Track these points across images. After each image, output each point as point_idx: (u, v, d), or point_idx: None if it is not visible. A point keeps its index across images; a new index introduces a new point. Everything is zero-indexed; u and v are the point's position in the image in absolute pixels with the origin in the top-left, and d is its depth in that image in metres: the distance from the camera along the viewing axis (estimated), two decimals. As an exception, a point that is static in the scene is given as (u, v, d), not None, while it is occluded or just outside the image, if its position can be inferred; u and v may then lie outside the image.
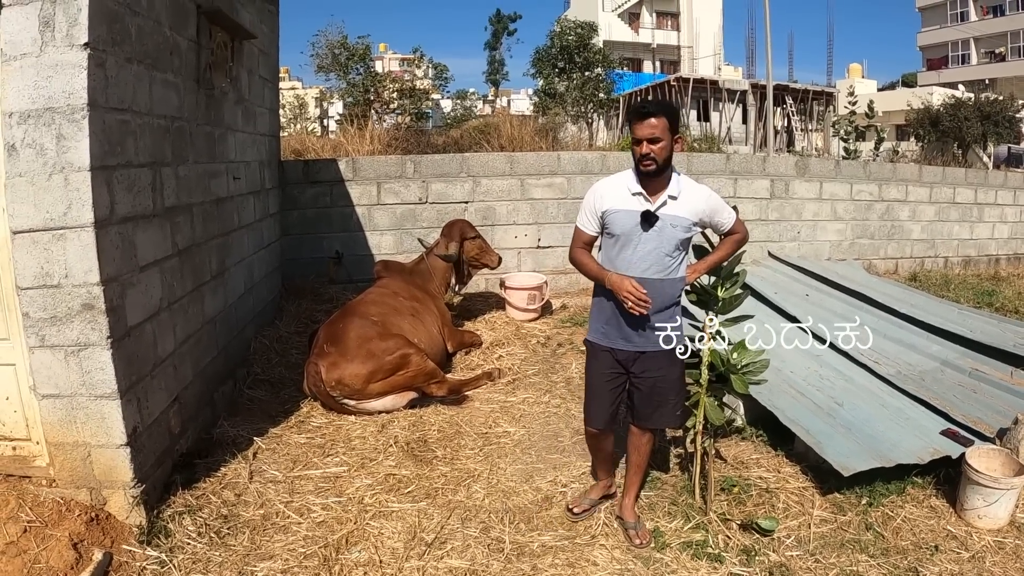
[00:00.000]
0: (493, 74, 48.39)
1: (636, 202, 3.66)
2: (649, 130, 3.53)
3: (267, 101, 7.40)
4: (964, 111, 23.10)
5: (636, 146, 3.58)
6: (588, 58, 23.99)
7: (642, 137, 3.54)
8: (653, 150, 3.53)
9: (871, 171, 11.08)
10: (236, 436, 5.09)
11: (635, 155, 3.60)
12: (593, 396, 3.98)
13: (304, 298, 8.21)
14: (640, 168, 3.60)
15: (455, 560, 3.81)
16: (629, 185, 3.70)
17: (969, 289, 10.20)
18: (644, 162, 3.56)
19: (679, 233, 3.65)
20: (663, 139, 3.55)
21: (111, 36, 3.64)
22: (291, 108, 27.48)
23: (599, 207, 3.75)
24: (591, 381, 3.99)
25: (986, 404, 5.32)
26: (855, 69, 49.61)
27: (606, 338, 3.83)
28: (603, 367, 3.89)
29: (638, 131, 3.55)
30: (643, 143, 3.54)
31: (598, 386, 3.93)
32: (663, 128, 3.55)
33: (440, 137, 16.51)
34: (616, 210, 3.69)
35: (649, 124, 3.53)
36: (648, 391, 3.86)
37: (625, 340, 3.78)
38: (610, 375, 3.88)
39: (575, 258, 3.92)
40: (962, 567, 3.77)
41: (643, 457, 4.08)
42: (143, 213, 4.10)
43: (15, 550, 3.36)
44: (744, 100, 35.69)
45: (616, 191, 3.73)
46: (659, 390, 3.85)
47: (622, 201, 3.69)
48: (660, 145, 3.54)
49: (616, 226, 3.69)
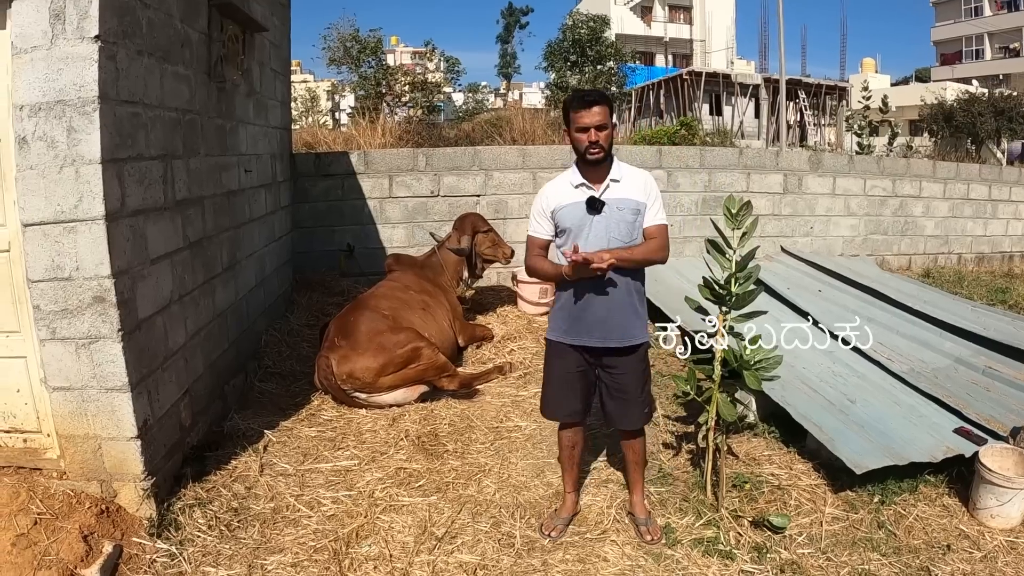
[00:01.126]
0: (505, 67, 48.22)
1: (580, 193, 3.66)
2: (596, 117, 3.54)
3: (278, 94, 7.39)
4: (978, 107, 22.92)
5: (582, 134, 3.56)
6: (600, 52, 23.94)
7: (589, 124, 3.54)
8: (600, 137, 3.55)
9: (884, 166, 11.01)
10: (247, 429, 5.09)
11: (579, 144, 3.59)
12: (552, 392, 3.96)
13: (315, 291, 8.22)
14: (588, 156, 3.59)
15: (465, 555, 3.80)
16: (571, 179, 3.72)
17: (983, 286, 10.14)
18: (592, 150, 3.56)
19: (627, 216, 3.63)
20: (607, 126, 3.57)
21: (122, 28, 3.63)
22: (303, 101, 27.50)
23: (547, 208, 3.74)
24: (552, 378, 3.95)
25: (1000, 402, 5.28)
26: (868, 64, 49.27)
27: (570, 335, 3.79)
28: (569, 365, 3.85)
29: (584, 119, 3.54)
30: (591, 130, 3.54)
31: (565, 382, 3.90)
32: (606, 115, 3.57)
33: (452, 130, 16.49)
34: (563, 205, 3.68)
35: (596, 110, 3.54)
36: (615, 389, 3.83)
37: (589, 335, 3.74)
38: (576, 372, 3.85)
39: (531, 266, 3.86)
40: (974, 567, 3.73)
41: (638, 454, 4.06)
42: (154, 206, 4.10)
43: (26, 542, 3.36)
44: (757, 94, 35.53)
45: (560, 189, 3.74)
46: (624, 387, 3.82)
47: (567, 196, 3.69)
48: (606, 132, 3.57)
49: (566, 220, 3.68)
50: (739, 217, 3.87)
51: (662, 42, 49.04)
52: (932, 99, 25.36)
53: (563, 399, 3.93)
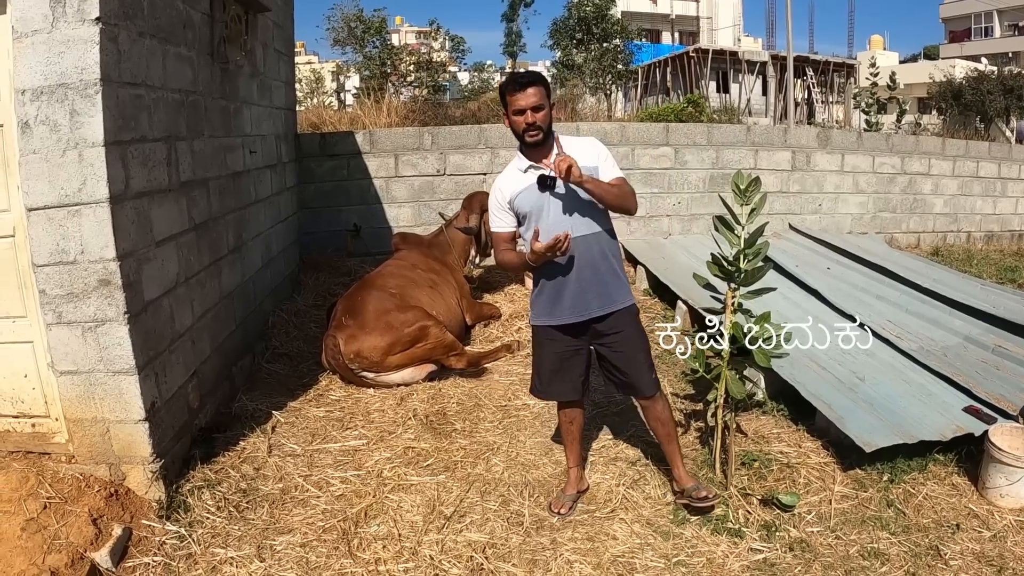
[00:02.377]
0: (510, 46, 47.83)
1: (530, 176, 3.64)
2: (532, 99, 3.51)
3: (282, 74, 7.36)
4: (987, 84, 22.79)
5: (519, 116, 3.54)
6: (606, 29, 23.79)
7: (525, 106, 3.51)
8: (537, 118, 3.52)
9: (893, 144, 10.93)
10: (255, 410, 5.10)
11: (517, 128, 3.58)
12: (542, 374, 3.95)
13: (322, 271, 8.22)
14: (527, 139, 3.58)
15: (474, 533, 3.80)
16: (518, 165, 3.71)
17: (992, 264, 10.08)
18: (530, 132, 3.55)
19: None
20: (544, 106, 3.54)
21: (123, 10, 3.60)
22: (307, 82, 27.44)
23: (503, 199, 3.73)
24: (540, 361, 3.95)
25: (1009, 381, 5.25)
26: (876, 41, 48.88)
27: (554, 316, 3.76)
28: (558, 347, 3.83)
29: (520, 101, 3.51)
30: (527, 112, 3.51)
31: (548, 365, 3.89)
32: (542, 95, 3.54)
33: (458, 109, 16.44)
34: (517, 192, 3.67)
35: (531, 92, 3.51)
36: (618, 357, 3.81)
37: (572, 311, 3.71)
38: (568, 352, 3.84)
39: (500, 260, 3.87)
40: (983, 546, 3.72)
41: (666, 424, 3.98)
42: (158, 188, 4.09)
43: (35, 526, 3.37)
44: (764, 72, 35.32)
45: (511, 177, 3.74)
46: (623, 353, 3.79)
47: (519, 182, 3.68)
48: (543, 113, 3.54)
49: (524, 206, 3.67)
50: (748, 193, 3.84)
51: (668, 19, 48.67)
52: (941, 77, 25.22)
53: (554, 382, 3.92)
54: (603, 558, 3.62)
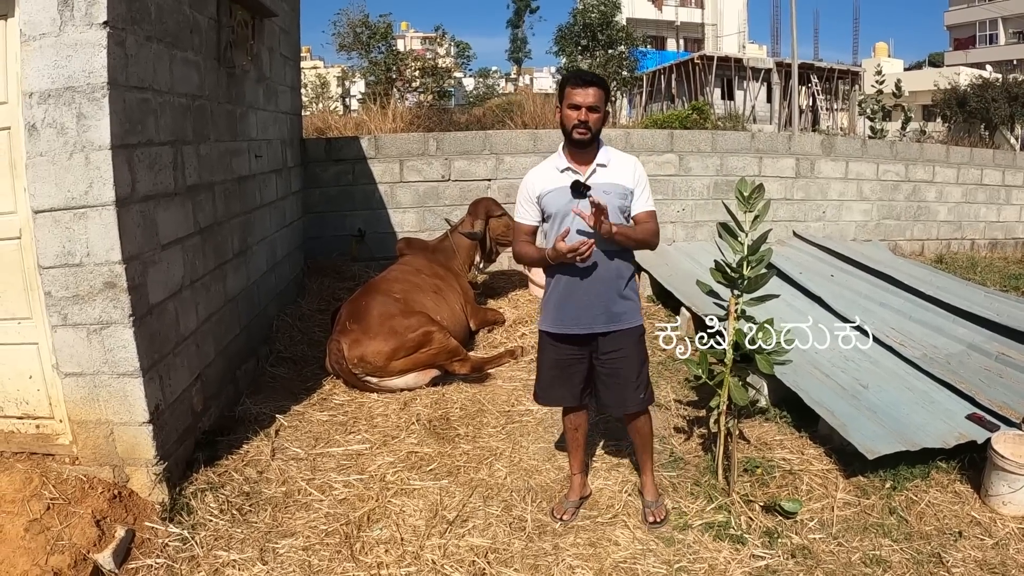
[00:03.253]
0: (515, 52, 48.02)
1: (566, 177, 3.61)
2: (590, 98, 3.49)
3: (288, 79, 7.39)
4: (991, 92, 22.72)
5: (573, 111, 3.51)
6: (611, 36, 23.77)
7: (581, 103, 3.48)
8: (591, 119, 3.50)
9: (898, 151, 10.92)
10: (258, 414, 5.11)
11: (567, 122, 3.54)
12: (542, 380, 3.95)
13: (326, 276, 8.24)
14: (574, 135, 3.54)
15: (477, 538, 3.81)
16: (556, 164, 3.68)
17: (996, 272, 10.06)
18: (579, 129, 3.52)
19: (614, 200, 3.58)
20: (600, 110, 3.52)
21: (130, 15, 3.62)
22: (313, 87, 27.45)
23: (533, 193, 3.70)
24: (541, 367, 3.94)
25: (1013, 389, 5.25)
26: (881, 48, 48.89)
27: (561, 324, 3.75)
28: (559, 354, 3.82)
29: (577, 97, 3.49)
30: (582, 109, 3.49)
31: (549, 372, 3.89)
32: (600, 99, 3.52)
33: (463, 115, 16.44)
34: (548, 190, 3.65)
35: (592, 92, 3.50)
36: (608, 374, 3.80)
37: (577, 322, 3.70)
38: (568, 360, 3.82)
39: (518, 252, 3.82)
40: (986, 554, 3.72)
41: (644, 436, 4.01)
42: (164, 191, 4.11)
43: (39, 527, 3.38)
44: (769, 79, 35.28)
45: (545, 174, 3.71)
46: (617, 372, 3.78)
47: (552, 181, 3.65)
48: (597, 116, 3.52)
49: (552, 205, 3.64)
50: (751, 200, 3.85)
51: (673, 26, 48.74)
52: (945, 84, 25.19)
53: (554, 388, 3.92)
54: (605, 564, 3.62)
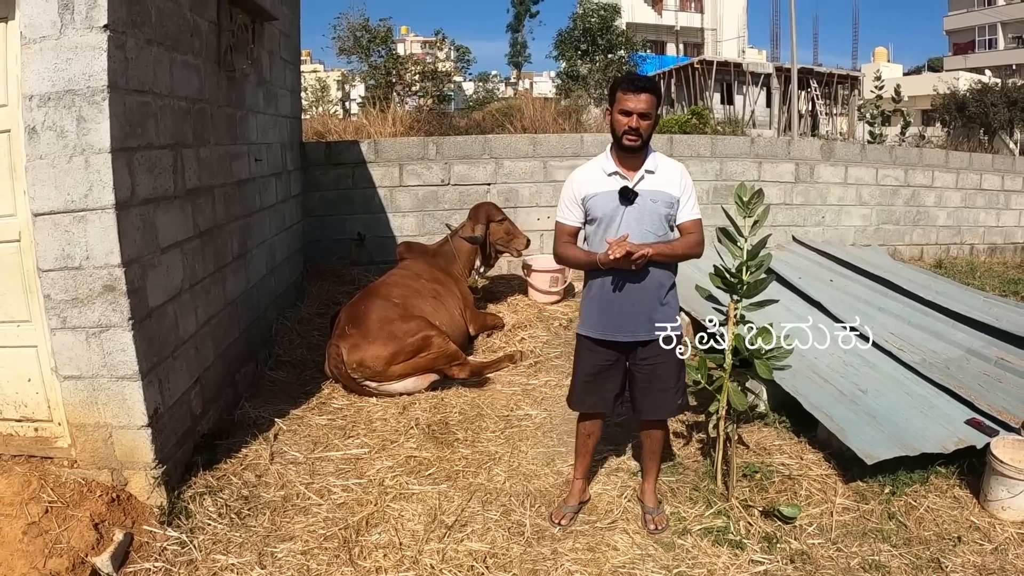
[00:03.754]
0: (515, 56, 47.98)
1: (613, 181, 3.61)
2: (643, 105, 3.47)
3: (288, 83, 7.39)
4: (991, 97, 22.74)
5: (624, 117, 3.49)
6: (611, 40, 23.86)
7: (633, 109, 3.47)
8: (642, 125, 3.49)
9: (897, 156, 10.93)
10: (257, 417, 5.11)
11: (618, 127, 3.52)
12: (579, 385, 3.91)
13: (326, 280, 8.24)
14: (624, 142, 3.53)
15: (475, 543, 3.81)
16: (604, 167, 3.67)
17: (995, 277, 10.07)
18: (630, 136, 3.50)
19: (660, 208, 3.59)
20: (651, 116, 3.51)
21: (131, 18, 3.62)
22: (313, 91, 27.47)
23: (578, 194, 3.69)
24: (579, 372, 3.91)
25: (1011, 394, 5.25)
26: (880, 53, 48.98)
27: (600, 330, 3.74)
28: (597, 359, 3.81)
29: (630, 103, 3.47)
30: (633, 116, 3.47)
31: (586, 377, 3.86)
32: (652, 105, 3.51)
33: (462, 119, 16.44)
34: (595, 193, 3.63)
35: (645, 98, 3.48)
36: (646, 380, 3.79)
37: (619, 330, 3.69)
38: (603, 366, 3.81)
39: (560, 253, 3.80)
40: (984, 559, 3.72)
41: (656, 443, 4.02)
42: (164, 195, 4.11)
43: (37, 530, 3.38)
44: (768, 83, 35.38)
45: (592, 175, 3.69)
46: (657, 377, 3.78)
47: (599, 184, 3.64)
48: (648, 122, 3.51)
49: (597, 209, 3.63)
50: (751, 205, 3.85)
51: (673, 31, 48.82)
52: (945, 89, 25.21)
53: (589, 394, 3.90)
54: (604, 569, 3.62)
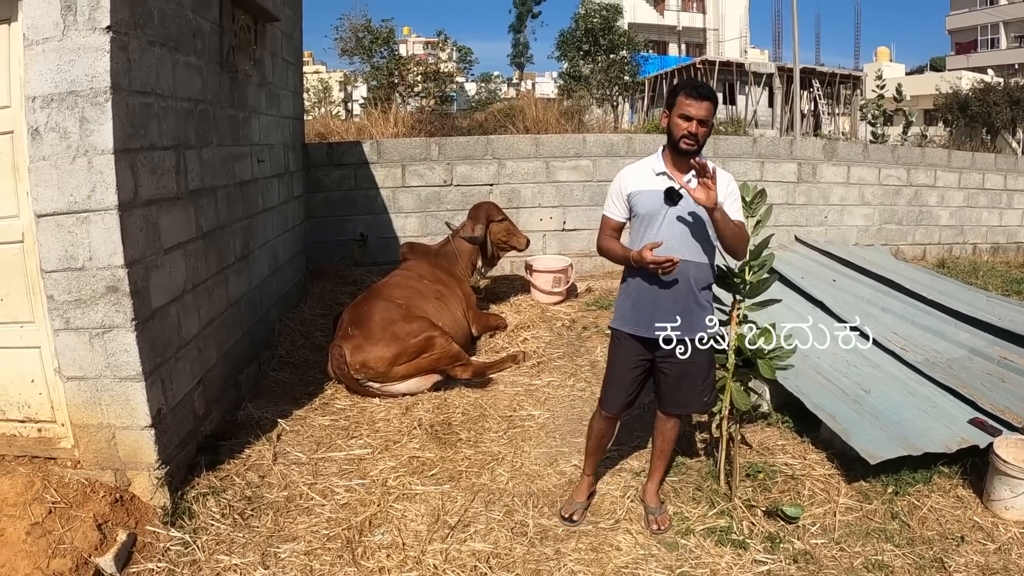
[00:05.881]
0: (518, 57, 48.05)
1: (661, 181, 3.62)
2: (704, 111, 3.50)
3: (291, 84, 7.39)
4: (993, 96, 22.65)
5: (685, 122, 3.51)
6: (613, 41, 23.77)
7: (694, 115, 3.49)
8: (700, 132, 3.51)
9: (899, 155, 10.92)
10: (260, 418, 5.11)
11: (677, 130, 3.54)
12: (614, 382, 3.92)
13: (328, 280, 8.24)
14: (681, 145, 3.54)
15: (478, 543, 3.81)
16: (654, 167, 3.68)
17: (998, 276, 10.05)
18: (687, 140, 3.52)
19: (704, 213, 3.57)
20: (708, 123, 3.54)
21: (133, 19, 3.63)
22: (315, 92, 27.42)
23: (625, 190, 3.71)
24: (614, 368, 3.92)
25: (1015, 393, 5.25)
26: (883, 53, 48.84)
27: (633, 325, 3.76)
28: (628, 355, 3.82)
29: (692, 109, 3.50)
30: (693, 122, 3.50)
31: (621, 373, 3.88)
32: (711, 112, 3.54)
33: (465, 120, 16.42)
34: (641, 191, 3.65)
35: (706, 106, 3.51)
36: (676, 377, 3.80)
37: (650, 327, 3.70)
38: (635, 362, 3.83)
39: (602, 246, 3.83)
40: (988, 558, 3.72)
41: (668, 443, 4.04)
42: (167, 196, 4.11)
43: (40, 531, 3.38)
44: (770, 83, 35.34)
45: (641, 174, 3.71)
46: (687, 375, 3.79)
47: (647, 182, 3.66)
48: (705, 129, 3.54)
49: (641, 206, 3.65)
50: (753, 205, 3.86)
51: (675, 31, 48.79)
52: (947, 88, 25.11)
53: (621, 392, 3.91)
54: (607, 569, 3.63)
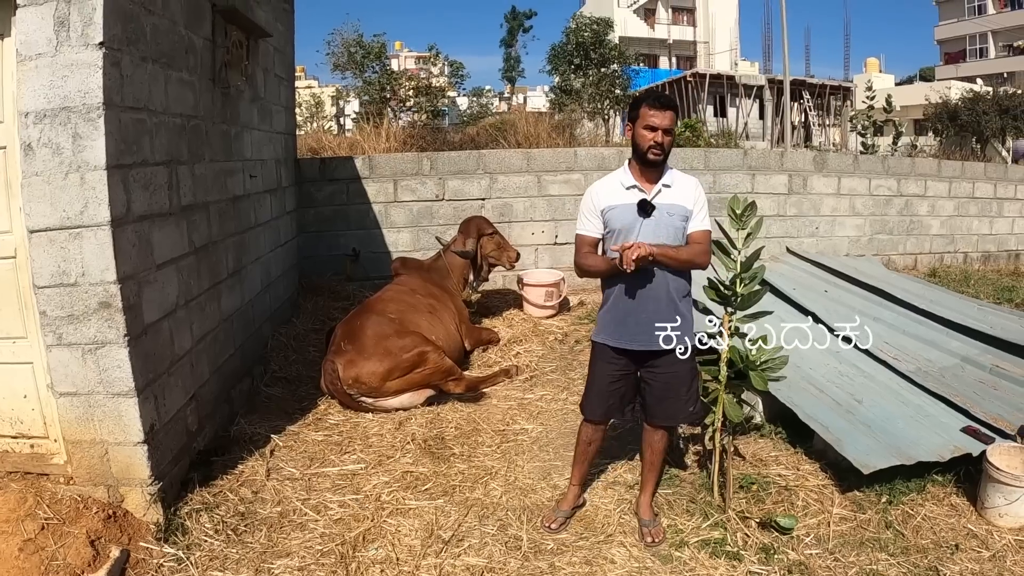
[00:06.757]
0: (509, 71, 48.32)
1: (632, 195, 3.69)
2: (668, 121, 3.59)
3: (283, 99, 7.41)
4: (982, 105, 22.78)
5: (650, 133, 3.59)
6: (604, 54, 23.86)
7: (659, 125, 3.57)
8: (666, 141, 3.60)
9: (890, 166, 10.99)
10: (253, 434, 5.10)
11: (643, 142, 3.62)
12: (593, 392, 3.97)
13: (321, 295, 8.24)
14: (648, 156, 3.62)
15: (472, 558, 3.80)
16: (622, 180, 3.75)
17: (989, 285, 10.10)
18: (654, 151, 3.60)
19: (676, 222, 3.67)
20: (672, 132, 3.63)
21: (126, 35, 3.64)
22: (307, 107, 27.52)
23: (598, 205, 3.76)
24: (595, 380, 3.96)
25: (1007, 401, 5.26)
26: (872, 64, 49.04)
27: (615, 338, 3.80)
28: (610, 368, 3.87)
29: (657, 119, 3.58)
30: (658, 131, 3.57)
31: (600, 385, 3.92)
32: (674, 121, 3.64)
33: (456, 134, 16.45)
34: (614, 205, 3.71)
35: (669, 115, 3.60)
36: (660, 388, 3.84)
37: (634, 339, 3.75)
38: (615, 375, 3.87)
39: (584, 264, 3.83)
40: (982, 566, 3.72)
41: (657, 455, 4.05)
42: (159, 211, 4.11)
43: (33, 547, 3.37)
44: (761, 95, 35.51)
45: (611, 188, 3.77)
46: (670, 387, 3.83)
47: (618, 196, 3.72)
48: (670, 138, 3.62)
49: (615, 221, 3.70)
50: (744, 217, 3.87)
51: (666, 44, 48.99)
52: (936, 98, 25.24)
53: (602, 402, 3.95)
54: (602, 581, 3.62)
